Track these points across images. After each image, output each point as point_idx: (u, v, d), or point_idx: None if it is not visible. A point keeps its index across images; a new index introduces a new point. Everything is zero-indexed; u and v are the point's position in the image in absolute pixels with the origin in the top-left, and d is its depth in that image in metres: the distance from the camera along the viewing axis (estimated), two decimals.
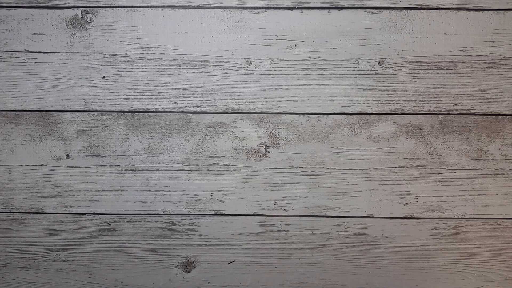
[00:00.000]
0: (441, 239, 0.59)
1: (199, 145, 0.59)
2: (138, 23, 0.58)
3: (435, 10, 0.57)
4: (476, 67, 0.57)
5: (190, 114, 0.59)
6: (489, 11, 0.57)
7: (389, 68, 0.58)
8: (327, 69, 0.58)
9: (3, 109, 0.60)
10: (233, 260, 0.60)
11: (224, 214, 0.60)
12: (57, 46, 0.59)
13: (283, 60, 0.58)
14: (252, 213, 0.60)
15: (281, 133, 0.59)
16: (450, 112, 0.58)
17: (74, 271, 0.62)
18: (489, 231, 0.59)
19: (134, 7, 0.58)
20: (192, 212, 0.60)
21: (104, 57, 0.59)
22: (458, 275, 0.60)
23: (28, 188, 0.60)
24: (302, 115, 0.58)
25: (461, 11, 0.57)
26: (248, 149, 0.59)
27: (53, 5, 0.58)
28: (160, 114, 0.59)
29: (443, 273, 0.60)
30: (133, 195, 0.60)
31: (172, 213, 0.60)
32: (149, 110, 0.59)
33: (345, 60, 0.58)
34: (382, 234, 0.60)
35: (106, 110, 0.59)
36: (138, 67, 0.59)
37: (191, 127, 0.59)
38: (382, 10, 0.57)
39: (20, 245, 0.62)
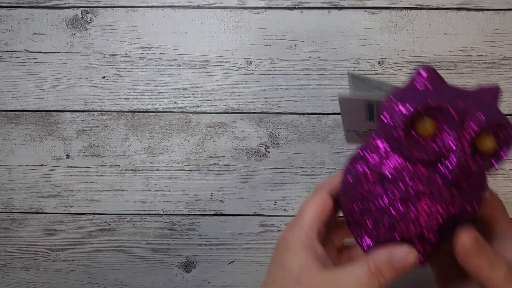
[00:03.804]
0: None
1: (199, 145, 0.59)
2: (138, 23, 0.58)
3: (435, 10, 0.57)
4: (476, 67, 0.57)
5: (190, 114, 0.59)
6: (489, 11, 0.57)
7: (389, 68, 0.58)
8: (327, 69, 0.58)
9: (3, 109, 0.60)
10: (233, 260, 0.60)
11: (224, 214, 0.60)
12: (57, 46, 0.59)
13: (283, 60, 0.58)
14: (252, 213, 0.60)
15: (281, 133, 0.59)
16: None
17: (74, 271, 0.62)
18: None
19: (134, 7, 0.58)
20: (192, 212, 0.60)
21: (104, 57, 0.59)
22: None
23: (28, 188, 0.60)
24: (302, 115, 0.58)
25: (461, 11, 0.57)
26: (248, 149, 0.59)
27: (53, 5, 0.58)
28: (160, 114, 0.59)
29: None
30: (133, 195, 0.60)
31: (172, 213, 0.60)
32: (149, 110, 0.59)
33: (345, 60, 0.58)
34: None
35: (106, 110, 0.59)
36: (138, 67, 0.59)
37: (191, 127, 0.59)
38: (382, 10, 0.57)
39: (20, 245, 0.62)
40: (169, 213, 0.61)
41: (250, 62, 0.58)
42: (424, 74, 0.30)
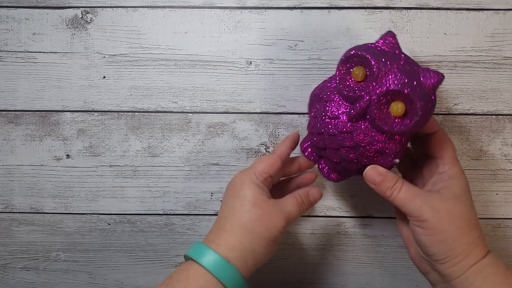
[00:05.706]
0: None
1: (199, 145, 0.59)
2: (138, 23, 0.58)
3: (435, 10, 0.57)
4: (476, 67, 0.57)
5: (190, 114, 0.59)
6: (489, 11, 0.57)
7: None
8: (327, 69, 0.58)
9: (3, 109, 0.60)
10: None
11: None
12: (57, 46, 0.59)
13: (283, 60, 0.58)
14: None
15: (281, 133, 0.59)
16: (450, 112, 0.58)
17: (74, 271, 0.62)
18: (489, 231, 0.59)
19: (134, 7, 0.58)
20: (192, 212, 0.60)
21: (104, 57, 0.59)
22: None
23: (28, 188, 0.60)
24: (302, 115, 0.58)
25: (461, 11, 0.57)
26: (248, 149, 0.59)
27: (53, 5, 0.58)
28: (160, 114, 0.59)
29: None
30: (133, 195, 0.60)
31: (172, 213, 0.60)
32: (149, 110, 0.59)
33: None
34: (382, 234, 0.60)
35: (106, 110, 0.59)
36: (138, 67, 0.59)
37: (191, 127, 0.59)
38: (382, 10, 0.57)
39: (20, 245, 0.62)
40: (169, 213, 0.61)
41: (250, 62, 0.58)
42: (389, 38, 0.38)
